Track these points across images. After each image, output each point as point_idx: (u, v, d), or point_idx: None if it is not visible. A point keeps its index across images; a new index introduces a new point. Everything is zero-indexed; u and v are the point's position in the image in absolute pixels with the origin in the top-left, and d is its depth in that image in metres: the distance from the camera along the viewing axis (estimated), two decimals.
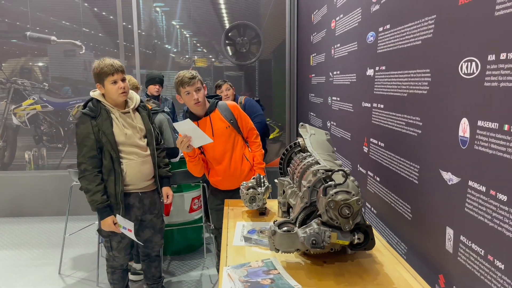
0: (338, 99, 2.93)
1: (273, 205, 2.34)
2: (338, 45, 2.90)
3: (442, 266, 1.46)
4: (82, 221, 4.46)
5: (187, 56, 5.61)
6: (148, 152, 2.63)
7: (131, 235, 2.57)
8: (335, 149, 2.33)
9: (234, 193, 2.72)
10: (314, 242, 1.46)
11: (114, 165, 2.49)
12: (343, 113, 2.80)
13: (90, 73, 5.33)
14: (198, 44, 5.63)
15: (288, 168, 2.17)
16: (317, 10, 3.70)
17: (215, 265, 3.71)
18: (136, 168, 2.57)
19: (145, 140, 2.63)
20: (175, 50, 5.59)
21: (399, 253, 1.81)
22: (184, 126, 2.38)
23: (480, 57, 1.19)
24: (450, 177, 1.38)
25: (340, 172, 1.52)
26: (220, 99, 2.74)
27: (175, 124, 2.42)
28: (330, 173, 1.59)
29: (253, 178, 2.29)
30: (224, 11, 5.43)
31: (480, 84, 1.19)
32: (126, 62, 5.30)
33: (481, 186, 1.21)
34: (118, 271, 2.80)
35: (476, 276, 1.24)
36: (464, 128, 1.29)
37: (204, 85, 2.60)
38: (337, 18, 2.92)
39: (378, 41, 2.07)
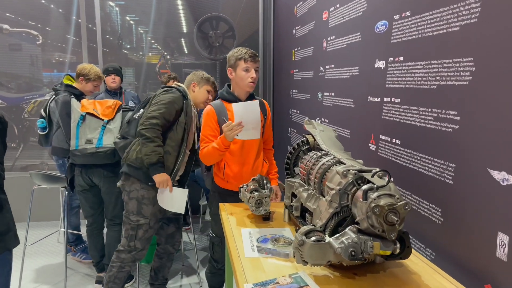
0: (333, 94, 2.77)
1: (273, 208, 2.13)
2: (333, 37, 2.74)
3: (490, 275, 1.32)
4: (43, 227, 4.03)
5: (140, 53, 5.28)
6: (189, 153, 2.70)
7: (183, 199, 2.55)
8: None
9: None
10: (353, 253, 1.28)
11: (182, 144, 2.54)
12: (339, 109, 2.65)
13: (39, 69, 4.95)
14: (153, 41, 5.33)
15: (295, 168, 1.97)
16: (301, 2, 3.54)
17: (195, 273, 3.45)
18: (185, 159, 2.66)
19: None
20: (128, 46, 5.25)
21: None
22: (246, 108, 2.15)
23: None
24: (504, 177, 1.24)
25: (379, 173, 1.34)
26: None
27: (236, 104, 2.16)
28: (362, 173, 1.41)
29: (253, 179, 2.08)
30: (180, 6, 5.15)
31: None
32: (75, 57, 4.91)
33: None
34: (126, 269, 2.59)
35: None
36: None
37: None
38: (331, 9, 2.76)
39: (393, 30, 1.92)
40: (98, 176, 3.01)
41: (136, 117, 2.63)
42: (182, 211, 2.57)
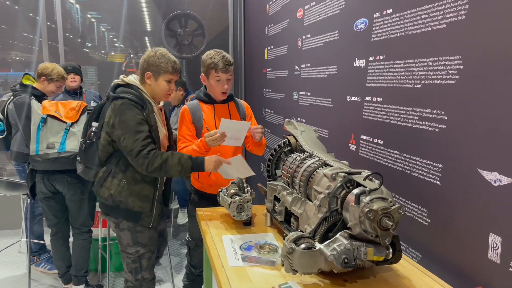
0: (309, 93, 2.72)
1: (253, 211, 2.05)
2: (309, 35, 2.69)
3: (483, 277, 1.29)
4: (4, 237, 3.77)
5: (102, 51, 5.08)
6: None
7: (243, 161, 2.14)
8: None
9: None
10: (346, 260, 1.22)
11: None
12: (316, 108, 2.60)
13: None
14: (115, 39, 5.13)
15: (276, 171, 1.90)
16: (274, 0, 3.47)
17: (169, 280, 3.32)
18: None
19: None
20: (90, 45, 5.03)
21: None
22: (234, 126, 2.09)
23: None
24: (496, 178, 1.22)
25: (371, 176, 1.29)
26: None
27: (225, 121, 2.05)
28: (352, 176, 1.35)
29: (233, 183, 2.00)
30: (144, 4, 4.98)
31: None
32: (33, 56, 4.65)
33: None
34: None
35: None
36: None
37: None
38: (306, 7, 2.71)
39: (374, 28, 1.88)
40: (61, 182, 2.82)
41: (91, 140, 2.17)
42: (251, 173, 2.16)
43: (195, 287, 2.57)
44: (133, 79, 2.14)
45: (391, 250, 1.27)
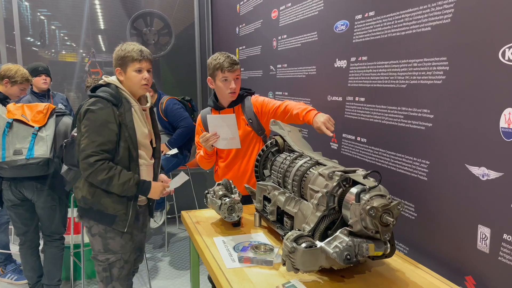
0: (286, 93, 2.76)
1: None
2: (284, 36, 2.72)
3: (472, 267, 1.37)
4: None
5: (53, 50, 4.88)
6: (153, 160, 2.20)
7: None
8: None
9: None
10: (348, 257, 1.25)
11: (130, 166, 2.02)
12: None
13: None
14: (66, 38, 4.95)
15: (264, 171, 1.92)
16: (245, 0, 3.48)
17: (145, 284, 3.25)
18: (144, 175, 2.12)
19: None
20: (38, 43, 4.82)
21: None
22: (221, 121, 2.10)
23: None
24: (484, 172, 1.30)
25: (363, 173, 1.33)
26: (253, 93, 2.38)
27: (210, 117, 2.08)
28: (348, 175, 1.39)
29: (219, 184, 1.99)
30: (105, 2, 4.84)
31: None
32: None
33: None
34: None
35: None
36: (508, 119, 1.20)
37: None
38: (281, 8, 2.74)
39: (355, 30, 1.94)
40: (30, 189, 2.69)
41: (74, 140, 2.13)
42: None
43: None
44: (114, 78, 2.07)
45: (389, 245, 1.31)
